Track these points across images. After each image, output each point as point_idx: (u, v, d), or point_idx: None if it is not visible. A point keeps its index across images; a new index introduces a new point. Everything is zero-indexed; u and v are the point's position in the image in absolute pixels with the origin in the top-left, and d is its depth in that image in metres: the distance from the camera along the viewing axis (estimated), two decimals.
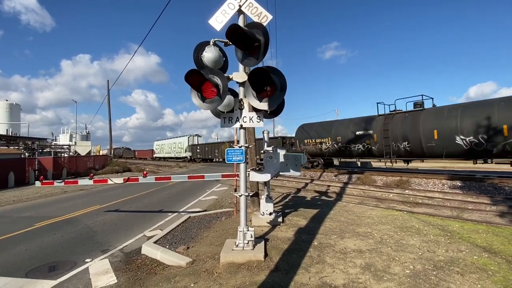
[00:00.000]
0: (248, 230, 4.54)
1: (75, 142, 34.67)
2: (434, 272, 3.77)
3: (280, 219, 6.43)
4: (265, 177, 6.06)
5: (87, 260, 5.12)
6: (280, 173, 6.34)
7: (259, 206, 6.96)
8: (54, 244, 6.06)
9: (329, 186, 14.06)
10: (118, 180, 7.77)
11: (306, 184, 15.04)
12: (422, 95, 15.00)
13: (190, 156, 43.62)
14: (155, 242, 5.52)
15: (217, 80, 4.13)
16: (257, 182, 7.79)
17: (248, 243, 4.51)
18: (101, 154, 49.50)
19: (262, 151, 6.85)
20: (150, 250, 5.20)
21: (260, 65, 4.27)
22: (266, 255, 4.45)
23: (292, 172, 6.11)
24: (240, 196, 4.61)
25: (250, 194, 5.01)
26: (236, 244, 4.55)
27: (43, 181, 7.39)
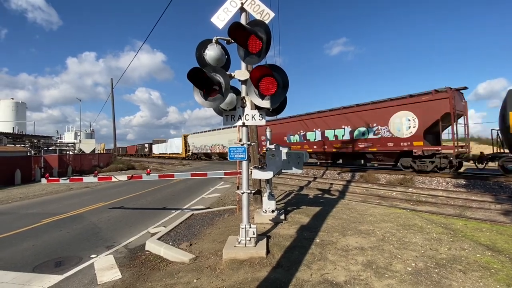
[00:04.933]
0: (250, 227, 4.58)
1: (80, 140, 34.98)
2: (436, 270, 3.77)
3: (282, 217, 6.46)
4: (267, 174, 6.08)
5: (93, 255, 5.20)
6: (282, 171, 6.35)
7: (262, 204, 6.98)
8: (60, 240, 6.16)
9: (332, 184, 14.06)
10: (122, 177, 7.86)
11: (309, 182, 15.05)
12: None
13: None
14: (158, 239, 5.59)
15: (219, 78, 4.15)
16: (260, 180, 7.81)
17: (250, 240, 4.54)
18: (183, 153, 42.66)
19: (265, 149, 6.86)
20: (153, 247, 5.27)
21: (262, 62, 4.29)
22: (268, 251, 4.49)
23: (294, 170, 6.11)
24: (242, 193, 4.64)
25: (253, 192, 5.04)
26: (239, 240, 4.58)
27: (49, 179, 7.50)
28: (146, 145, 61.98)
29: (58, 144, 30.82)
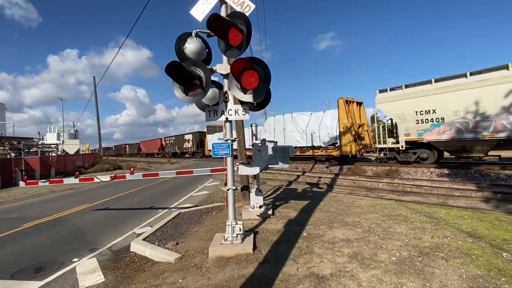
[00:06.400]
0: (236, 223, 4.52)
1: (63, 141, 33.80)
2: (420, 258, 3.83)
3: (270, 212, 6.44)
4: (254, 170, 6.03)
5: (75, 259, 5.02)
6: (269, 166, 6.32)
7: (250, 200, 6.94)
8: (41, 245, 5.93)
9: (320, 177, 14.18)
10: (105, 178, 7.62)
11: (298, 176, 15.13)
12: None
13: None
14: (144, 239, 5.46)
15: (200, 72, 4.02)
16: (247, 176, 7.76)
17: (237, 236, 4.49)
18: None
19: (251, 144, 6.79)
20: (139, 247, 5.14)
21: (247, 55, 4.19)
22: (255, 247, 4.45)
23: (281, 165, 6.09)
24: (227, 190, 4.57)
25: (238, 188, 4.97)
26: (225, 238, 4.52)
27: (27, 181, 7.18)
28: (189, 137, 37.15)
29: (40, 146, 29.76)
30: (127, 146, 65.49)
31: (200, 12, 4.41)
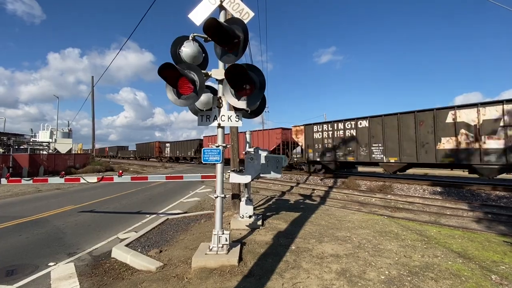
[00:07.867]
0: (223, 233, 4.37)
1: (55, 139, 33.20)
2: (409, 278, 3.71)
3: (259, 222, 6.28)
4: (245, 178, 5.90)
5: (51, 263, 4.78)
6: (261, 175, 6.20)
7: (240, 209, 6.78)
8: (17, 246, 5.65)
9: (314, 189, 14.06)
10: (91, 179, 7.40)
11: (292, 187, 14.98)
12: None
13: None
14: (127, 245, 5.24)
15: (194, 76, 3.96)
16: (239, 184, 7.62)
17: (222, 247, 4.33)
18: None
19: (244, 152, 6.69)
20: (120, 254, 4.92)
21: (243, 62, 4.14)
22: (240, 259, 4.28)
23: (273, 174, 5.98)
24: (215, 197, 4.43)
25: (226, 196, 4.84)
26: (210, 248, 4.36)
27: (10, 179, 6.93)
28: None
29: (31, 143, 29.15)
30: (166, 145, 40.05)
31: (198, 16, 4.39)
